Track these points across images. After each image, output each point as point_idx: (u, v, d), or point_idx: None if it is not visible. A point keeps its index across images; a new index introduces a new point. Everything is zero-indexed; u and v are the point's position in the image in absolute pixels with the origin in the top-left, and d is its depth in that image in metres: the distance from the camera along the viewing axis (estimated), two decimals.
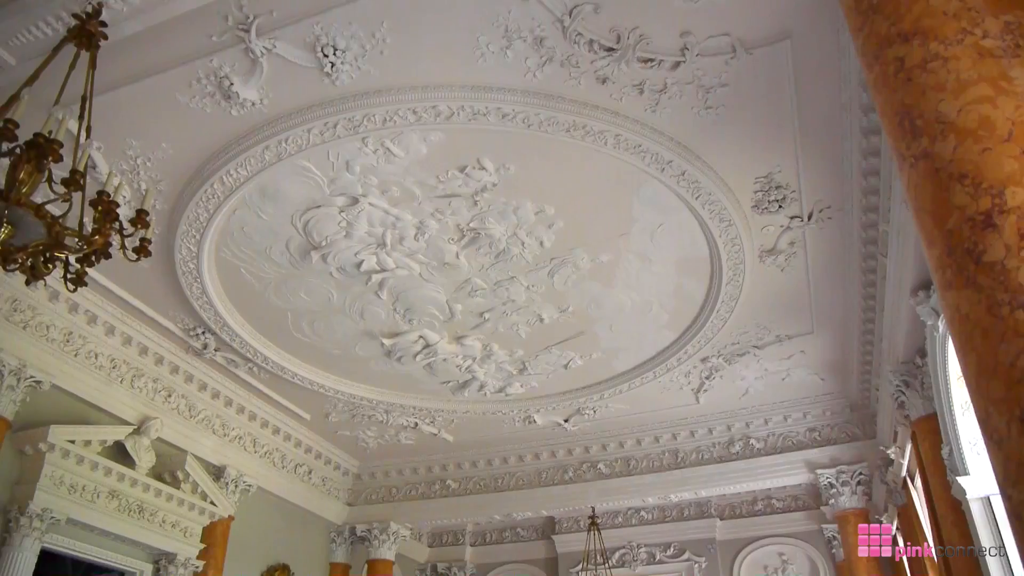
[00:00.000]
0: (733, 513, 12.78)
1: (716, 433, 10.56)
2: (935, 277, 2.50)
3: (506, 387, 9.61)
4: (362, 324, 8.26)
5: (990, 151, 2.32)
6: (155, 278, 7.51)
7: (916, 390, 6.89)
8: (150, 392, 8.65)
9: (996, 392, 2.16)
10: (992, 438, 2.20)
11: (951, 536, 6.39)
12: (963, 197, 2.33)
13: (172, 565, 8.53)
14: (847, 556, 9.79)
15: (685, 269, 7.40)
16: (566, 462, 11.27)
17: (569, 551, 13.06)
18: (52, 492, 7.26)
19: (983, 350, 2.23)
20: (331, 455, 11.54)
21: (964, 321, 2.30)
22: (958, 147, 2.40)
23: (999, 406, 2.15)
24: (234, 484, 9.60)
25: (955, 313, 2.36)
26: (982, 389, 2.24)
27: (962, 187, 2.34)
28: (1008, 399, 2.11)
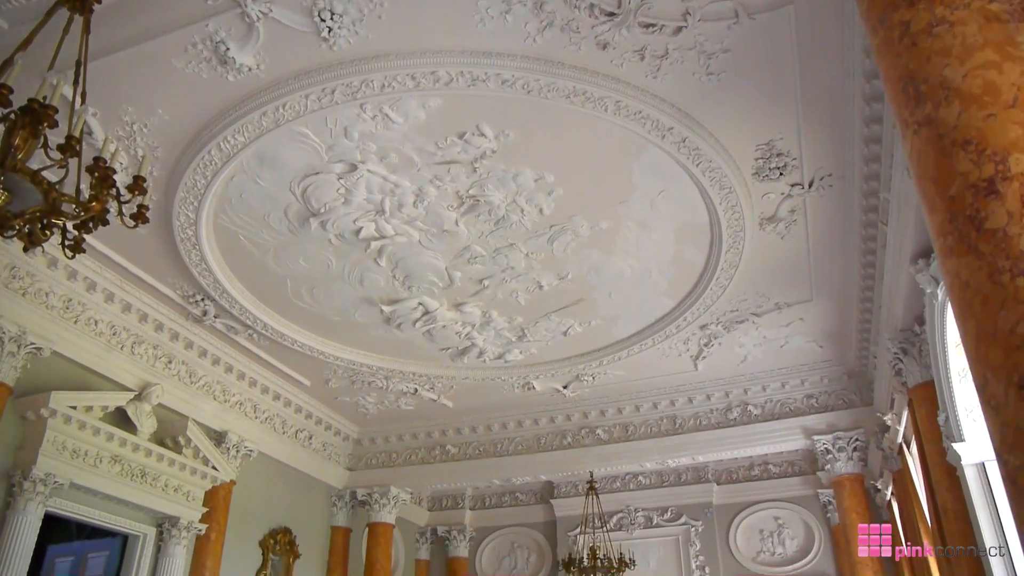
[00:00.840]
0: (730, 478, 12.92)
1: (714, 399, 10.63)
2: (936, 244, 2.50)
3: (505, 354, 9.65)
4: (361, 291, 8.26)
5: (994, 117, 2.30)
6: (154, 245, 7.49)
7: (914, 358, 6.92)
8: (150, 358, 8.68)
9: (995, 358, 2.17)
10: (990, 404, 2.21)
11: (945, 500, 6.46)
12: (966, 164, 2.32)
13: (175, 528, 8.63)
14: (842, 520, 9.92)
15: (685, 236, 7.38)
16: (565, 428, 11.36)
17: (567, 515, 13.22)
18: (55, 457, 7.32)
19: (983, 317, 2.23)
20: (331, 421, 11.62)
21: (964, 288, 2.30)
22: (962, 113, 2.38)
23: (997, 372, 2.16)
24: (235, 449, 9.68)
25: (955, 280, 2.36)
26: (981, 355, 2.25)
27: (965, 153, 2.32)
28: (1006, 365, 2.12)
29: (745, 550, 12.55)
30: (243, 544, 9.91)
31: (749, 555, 12.50)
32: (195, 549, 8.94)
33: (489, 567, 13.92)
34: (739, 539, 12.64)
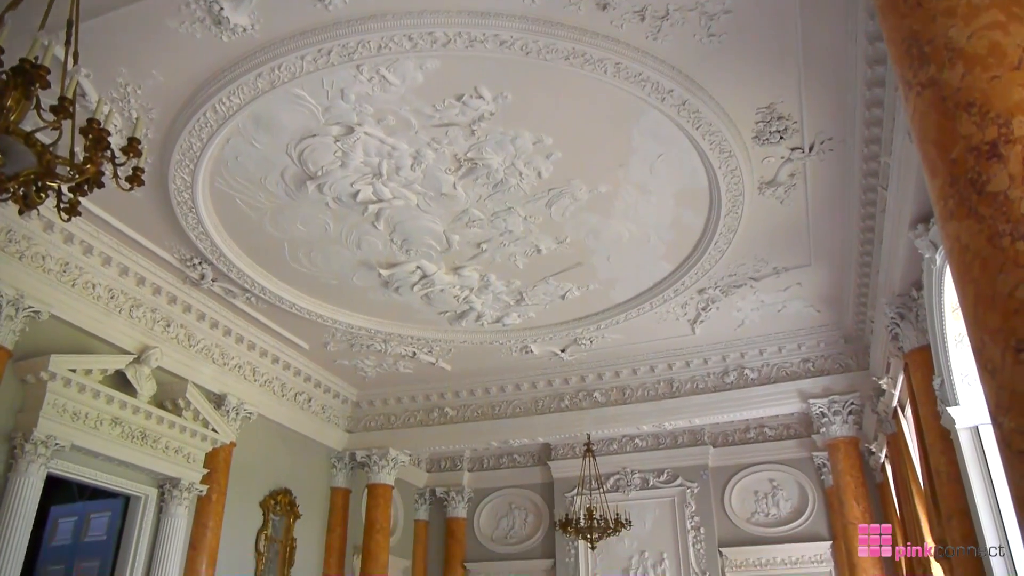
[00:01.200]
0: (726, 441, 13.05)
1: (711, 363, 10.68)
2: (936, 208, 2.49)
3: (503, 317, 9.67)
4: (359, 254, 8.24)
5: (999, 79, 2.28)
6: (150, 208, 7.45)
7: (910, 322, 6.95)
8: (149, 322, 8.70)
9: (992, 322, 2.17)
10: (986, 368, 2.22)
11: (938, 463, 6.53)
12: (969, 126, 2.30)
13: (176, 489, 8.72)
14: (836, 482, 10.03)
15: (683, 200, 7.35)
16: (562, 391, 11.43)
17: (565, 476, 13.37)
18: (55, 420, 7.37)
19: (982, 281, 2.23)
20: (330, 384, 11.68)
21: (964, 252, 2.30)
22: (966, 75, 2.35)
23: (995, 336, 2.16)
24: (235, 412, 9.74)
25: (955, 244, 2.35)
26: (979, 319, 2.25)
27: (968, 116, 2.30)
28: (1004, 329, 2.12)
29: (740, 511, 12.72)
30: (244, 505, 10.03)
31: (744, 516, 12.68)
32: (196, 510, 9.04)
33: (487, 527, 14.12)
34: (734, 500, 12.80)
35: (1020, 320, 2.09)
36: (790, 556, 12.15)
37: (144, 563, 8.43)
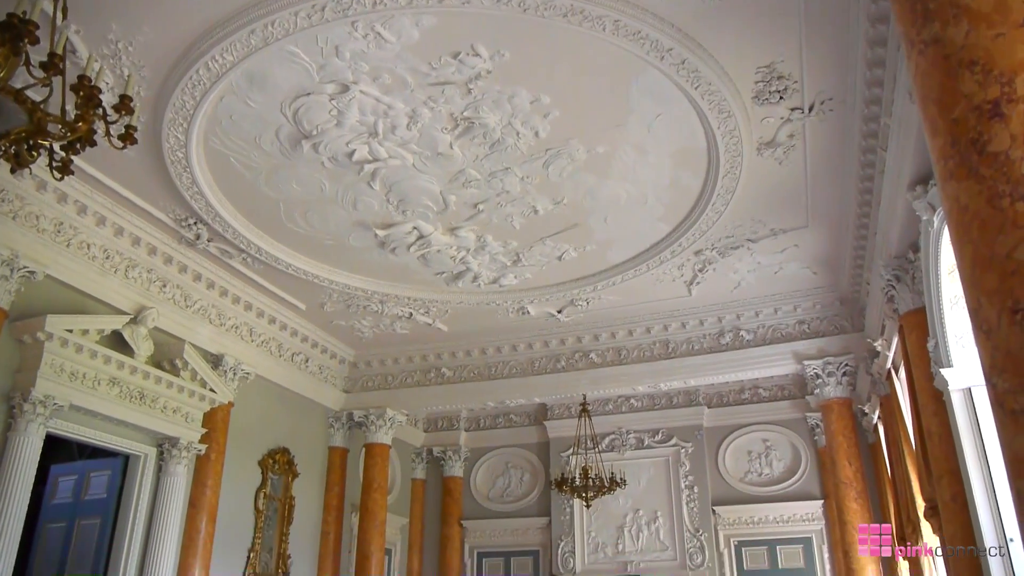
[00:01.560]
0: (720, 401, 13.15)
1: (707, 325, 10.72)
2: (936, 168, 2.47)
3: (500, 278, 9.66)
4: (355, 215, 8.20)
5: (1003, 36, 2.24)
6: (144, 168, 7.39)
7: (906, 284, 6.96)
8: (145, 282, 8.68)
9: (989, 284, 2.17)
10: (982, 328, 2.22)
11: (930, 424, 6.60)
12: (971, 85, 2.27)
13: (175, 449, 8.79)
14: (828, 443, 10.15)
15: (681, 161, 7.30)
16: (558, 351, 11.48)
17: (560, 436, 13.49)
18: (53, 380, 7.39)
19: (980, 242, 2.22)
20: (327, 344, 11.72)
21: (963, 212, 2.29)
22: (970, 32, 2.31)
23: (991, 297, 2.17)
24: (232, 372, 9.78)
25: (954, 204, 2.34)
26: (976, 281, 2.25)
27: (971, 74, 2.27)
28: (1001, 291, 2.12)
29: (733, 471, 12.88)
30: (243, 464, 10.13)
31: (737, 475, 12.84)
32: (196, 468, 9.13)
33: (483, 486, 14.29)
34: (728, 460, 12.95)
35: (1017, 281, 2.08)
36: (782, 514, 12.34)
37: (145, 521, 8.54)
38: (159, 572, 8.38)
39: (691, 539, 12.38)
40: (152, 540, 8.47)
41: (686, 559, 12.28)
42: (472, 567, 13.77)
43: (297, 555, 10.90)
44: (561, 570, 12.82)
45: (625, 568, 12.54)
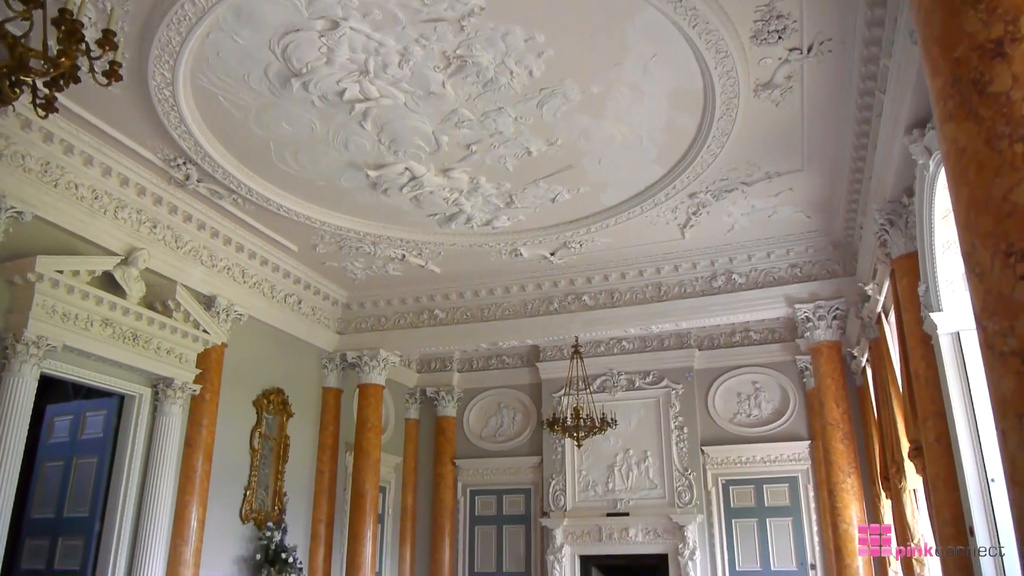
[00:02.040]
0: (711, 344, 13.27)
1: (699, 268, 10.73)
2: (936, 109, 2.44)
3: (493, 220, 9.61)
4: (347, 155, 8.11)
5: None
6: (130, 106, 7.25)
7: (900, 229, 6.97)
8: (135, 223, 8.61)
9: (984, 226, 2.16)
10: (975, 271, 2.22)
11: (918, 368, 6.69)
12: (975, 23, 2.21)
13: (170, 389, 8.85)
14: (817, 385, 10.28)
15: (677, 102, 7.20)
16: (551, 294, 11.50)
17: (552, 377, 13.63)
18: (45, 321, 7.38)
19: (976, 184, 2.20)
20: (320, 286, 11.71)
21: (960, 154, 2.26)
22: None
23: (985, 240, 2.16)
24: (225, 313, 9.78)
25: (952, 146, 2.31)
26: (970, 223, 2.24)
27: (975, 12, 2.22)
28: (995, 233, 2.11)
29: (723, 412, 13.07)
30: (237, 404, 10.21)
31: (726, 416, 13.04)
32: (191, 408, 9.21)
33: (476, 426, 14.48)
34: (717, 402, 13.14)
35: (1012, 224, 2.08)
36: (769, 455, 12.58)
37: (142, 459, 8.64)
38: (157, 509, 8.52)
39: (680, 478, 12.63)
40: (149, 478, 8.59)
41: (674, 497, 12.55)
42: (465, 504, 14.05)
43: (293, 493, 11.09)
44: (552, 507, 13.10)
45: (615, 506, 12.82)
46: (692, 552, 12.09)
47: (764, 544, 12.28)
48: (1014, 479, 2.29)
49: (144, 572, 8.29)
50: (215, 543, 9.44)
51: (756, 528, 12.40)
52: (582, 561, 12.82)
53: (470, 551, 13.78)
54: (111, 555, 8.23)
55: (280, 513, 10.70)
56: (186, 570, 8.74)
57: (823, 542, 11.75)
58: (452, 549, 13.70)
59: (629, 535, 12.54)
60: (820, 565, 11.86)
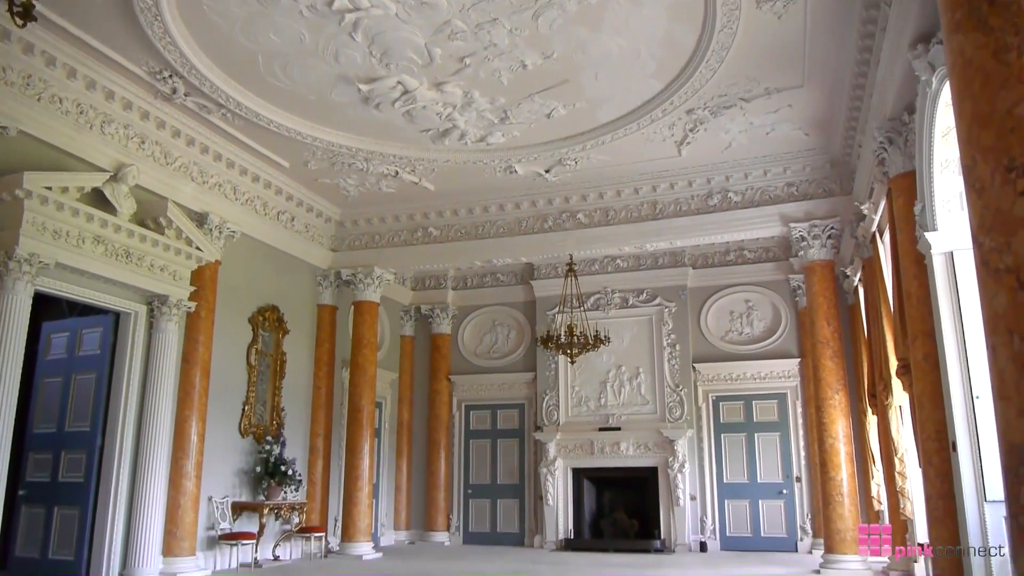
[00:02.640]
0: (705, 262, 13.31)
1: (695, 186, 10.65)
2: (943, 19, 2.36)
3: (487, 136, 9.47)
4: (337, 68, 7.90)
5: None
6: (113, 17, 7.01)
7: (899, 147, 6.90)
8: (122, 138, 8.46)
9: (986, 141, 2.12)
10: (974, 187, 2.20)
11: (910, 287, 6.73)
12: None
13: (165, 306, 8.87)
14: (809, 303, 10.36)
15: (677, 14, 6.99)
16: (546, 211, 11.45)
17: (547, 295, 13.70)
18: (36, 238, 7.33)
19: (981, 97, 2.15)
20: (312, 203, 11.61)
21: (966, 66, 2.20)
22: None
23: (987, 155, 2.13)
24: (218, 230, 9.72)
25: (958, 58, 2.25)
26: (973, 138, 2.20)
27: None
28: (997, 148, 2.08)
29: (715, 330, 13.21)
30: (233, 321, 10.27)
31: (718, 334, 13.19)
32: (187, 326, 9.25)
33: (471, 343, 14.63)
34: (710, 320, 13.26)
35: (1015, 139, 2.04)
36: (759, 372, 12.79)
37: (140, 375, 8.74)
38: (157, 423, 8.67)
39: (671, 394, 12.86)
40: (148, 393, 8.71)
41: (665, 412, 12.81)
42: (460, 419, 14.33)
43: (290, 408, 11.28)
44: (546, 422, 13.38)
45: (607, 421, 13.09)
46: (682, 465, 12.42)
47: (752, 458, 12.61)
48: (1002, 394, 2.32)
49: (147, 483, 8.50)
50: (215, 456, 9.65)
51: (744, 442, 12.71)
52: (574, 473, 13.17)
53: (465, 464, 14.14)
54: (114, 467, 8.41)
55: (278, 427, 10.91)
56: (188, 482, 8.97)
57: (809, 456, 12.07)
58: (448, 462, 14.05)
59: (620, 449, 12.85)
60: (805, 478, 12.22)
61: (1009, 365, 2.24)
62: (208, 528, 9.53)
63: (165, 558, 8.67)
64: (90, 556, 8.25)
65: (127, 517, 8.41)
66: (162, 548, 8.65)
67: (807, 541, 11.96)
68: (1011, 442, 2.30)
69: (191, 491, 8.99)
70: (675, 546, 12.18)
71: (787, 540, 12.14)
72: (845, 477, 9.56)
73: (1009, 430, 2.31)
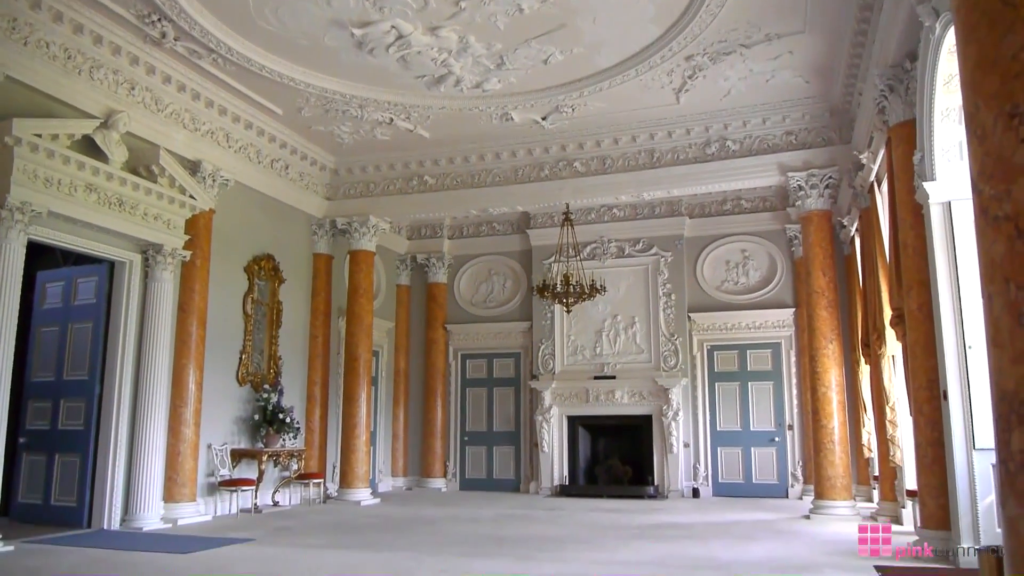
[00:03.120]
0: (702, 212, 13.26)
1: (693, 134, 10.55)
2: None
3: (483, 83, 9.33)
4: (330, 12, 7.74)
5: None
6: None
7: (899, 95, 6.83)
8: (112, 84, 8.32)
9: (990, 86, 2.09)
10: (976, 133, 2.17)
11: (906, 237, 6.73)
12: None
13: (160, 255, 8.84)
14: (805, 253, 10.35)
15: None
16: (542, 160, 11.35)
17: (543, 244, 13.68)
18: (28, 186, 7.26)
19: (986, 42, 2.11)
20: (307, 150, 11.49)
21: (972, 10, 2.15)
22: None
23: (990, 101, 2.09)
24: (211, 178, 9.63)
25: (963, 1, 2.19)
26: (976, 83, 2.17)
27: None
28: (1000, 94, 2.05)
29: (711, 279, 13.23)
30: (229, 270, 10.25)
31: (714, 284, 13.21)
32: (182, 275, 9.23)
33: (467, 292, 14.65)
34: (706, 269, 13.27)
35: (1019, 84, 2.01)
36: (754, 321, 12.85)
37: (136, 324, 8.75)
38: (155, 372, 8.71)
39: (666, 343, 12.94)
40: (145, 342, 8.74)
41: (660, 361, 12.91)
42: (456, 368, 14.43)
43: (287, 356, 11.33)
44: (541, 371, 13.48)
45: (602, 369, 13.19)
46: (676, 413, 12.57)
47: (745, 406, 12.76)
48: (996, 342, 2.33)
49: (147, 431, 8.58)
50: (214, 405, 9.73)
51: (738, 391, 12.85)
52: (569, 421, 13.33)
53: (461, 412, 14.28)
54: (113, 415, 8.48)
55: (276, 376, 10.97)
56: (187, 429, 9.05)
57: (801, 405, 12.21)
58: (444, 410, 14.19)
59: (615, 397, 12.98)
60: (797, 426, 12.38)
61: (1004, 313, 2.25)
62: (208, 475, 9.66)
63: (166, 504, 8.80)
64: (92, 502, 8.37)
65: (127, 464, 8.51)
66: (163, 494, 8.78)
67: (797, 487, 12.17)
68: (1003, 389, 2.32)
69: (190, 438, 9.08)
70: (668, 492, 12.39)
71: (778, 486, 12.35)
72: (836, 425, 9.69)
73: (1002, 377, 2.32)
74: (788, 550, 7.08)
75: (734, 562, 6.42)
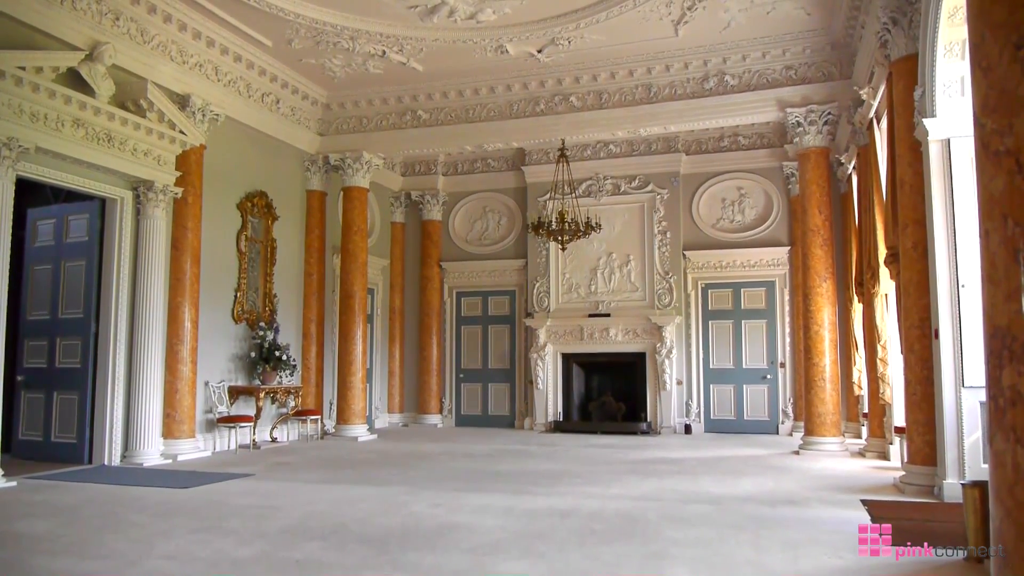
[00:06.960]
0: (699, 148, 13.13)
1: (692, 68, 10.36)
2: None
3: (477, 13, 9.09)
4: None
5: None
6: None
7: (902, 29, 6.69)
8: (95, 15, 8.09)
9: (997, 16, 2.03)
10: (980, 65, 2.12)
11: (904, 175, 6.68)
12: None
13: (151, 192, 8.74)
14: (802, 191, 10.29)
15: None
16: (538, 94, 11.17)
17: (538, 181, 13.58)
18: (13, 121, 7.13)
19: None
20: (298, 84, 11.27)
21: None
22: None
23: (996, 31, 2.04)
24: (201, 113, 9.46)
25: None
26: (983, 12, 2.10)
27: None
28: (1008, 24, 1.99)
29: (706, 217, 13.18)
30: (221, 207, 10.16)
31: (709, 222, 13.17)
32: (175, 212, 9.14)
33: (462, 229, 14.59)
34: (701, 207, 13.21)
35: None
36: (749, 260, 12.86)
37: (130, 262, 8.71)
38: (150, 310, 8.71)
39: (661, 281, 12.97)
40: (140, 280, 8.71)
41: (655, 299, 12.95)
42: (451, 305, 14.48)
43: (282, 294, 11.33)
44: (536, 308, 13.52)
45: (597, 307, 13.24)
46: (669, 351, 12.67)
47: (738, 344, 12.86)
48: (991, 278, 2.33)
49: (144, 368, 8.63)
50: (210, 342, 9.76)
51: (731, 329, 12.93)
52: (564, 359, 13.44)
53: (457, 349, 14.39)
54: (110, 353, 8.51)
55: (271, 314, 11.00)
56: (184, 367, 9.10)
57: (794, 343, 12.31)
58: (439, 347, 14.29)
59: (609, 335, 13.06)
60: (789, 364, 12.51)
61: (1000, 249, 2.24)
62: (206, 411, 9.76)
63: (165, 440, 8.91)
64: (92, 438, 8.47)
65: (126, 401, 8.58)
66: (162, 431, 8.88)
67: (788, 424, 12.37)
68: (996, 325, 2.32)
69: (187, 375, 9.14)
70: (661, 428, 12.58)
71: (769, 423, 12.55)
72: (828, 363, 9.78)
73: (995, 313, 2.33)
74: (777, 484, 7.23)
75: (724, 496, 6.56)
